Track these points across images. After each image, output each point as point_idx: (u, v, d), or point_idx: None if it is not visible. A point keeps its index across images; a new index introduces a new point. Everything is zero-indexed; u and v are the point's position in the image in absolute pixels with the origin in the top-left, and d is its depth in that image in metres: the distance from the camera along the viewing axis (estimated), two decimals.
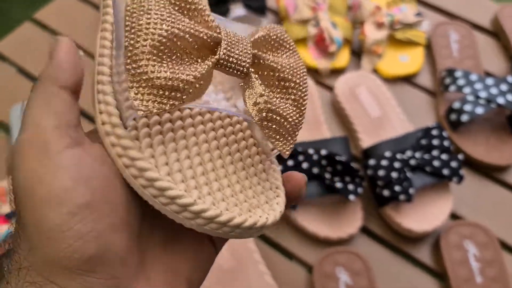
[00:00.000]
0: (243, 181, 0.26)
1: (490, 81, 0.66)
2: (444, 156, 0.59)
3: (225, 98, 0.28)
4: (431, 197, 0.60)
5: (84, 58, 0.76)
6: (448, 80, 0.68)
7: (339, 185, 0.57)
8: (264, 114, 0.25)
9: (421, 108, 0.70)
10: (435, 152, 0.60)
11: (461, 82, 0.66)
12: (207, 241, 0.26)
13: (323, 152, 0.59)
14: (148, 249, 0.24)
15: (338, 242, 0.58)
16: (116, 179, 0.23)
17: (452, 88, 0.67)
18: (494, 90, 0.65)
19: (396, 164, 0.58)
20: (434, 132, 0.61)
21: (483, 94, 0.65)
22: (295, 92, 0.26)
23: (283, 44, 0.26)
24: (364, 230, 0.60)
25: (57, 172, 0.21)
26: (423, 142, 0.60)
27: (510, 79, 0.66)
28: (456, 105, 0.65)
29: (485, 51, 0.75)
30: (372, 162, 0.59)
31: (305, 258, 0.58)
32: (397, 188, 0.57)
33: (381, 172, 0.58)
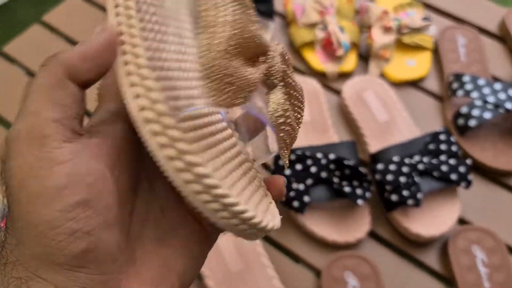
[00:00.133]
0: (248, 186, 0.26)
1: (498, 86, 0.66)
2: (452, 161, 0.59)
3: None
4: (439, 202, 0.60)
5: None
6: (455, 85, 0.68)
7: (347, 189, 0.57)
8: (282, 120, 0.26)
9: (428, 112, 0.70)
10: (443, 157, 0.60)
11: (469, 86, 0.67)
12: (200, 237, 0.26)
13: (331, 156, 0.59)
14: (139, 245, 0.24)
15: (346, 246, 0.58)
16: (111, 176, 0.22)
17: (460, 92, 0.67)
18: (502, 95, 0.65)
19: (404, 169, 0.58)
20: (442, 137, 0.61)
21: (491, 99, 0.65)
22: (299, 109, 0.28)
23: (289, 62, 0.28)
24: (372, 234, 0.60)
25: (53, 167, 0.20)
26: (431, 147, 0.60)
27: None
28: (464, 110, 0.65)
29: (492, 55, 0.75)
30: (380, 166, 0.59)
31: (313, 262, 0.58)
32: (405, 192, 0.57)
33: (389, 177, 0.58)
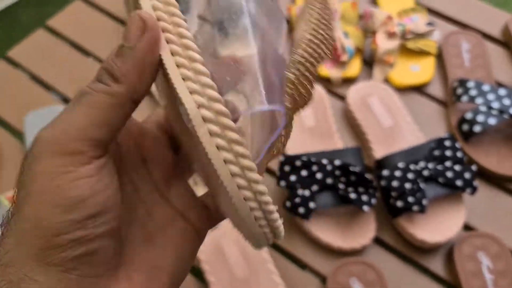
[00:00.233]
0: None
1: (502, 91, 0.66)
2: (457, 167, 0.59)
3: None
4: (444, 208, 0.60)
5: (93, 63, 0.76)
6: (460, 90, 0.68)
7: (353, 196, 0.57)
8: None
9: (432, 118, 0.70)
10: (448, 163, 0.60)
11: (473, 92, 0.67)
12: (189, 235, 0.26)
13: (336, 162, 0.59)
14: (127, 247, 0.24)
15: (351, 253, 0.59)
16: (118, 187, 0.23)
17: (464, 98, 0.67)
18: (506, 101, 0.65)
19: (410, 175, 0.58)
20: (447, 143, 0.61)
21: (495, 105, 0.65)
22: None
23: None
24: (377, 240, 0.60)
25: (79, 181, 0.21)
26: (436, 153, 0.61)
27: None
28: (469, 115, 0.65)
29: (496, 60, 0.75)
30: (385, 172, 0.59)
31: (319, 268, 0.58)
32: (410, 199, 0.57)
33: (394, 183, 0.58)
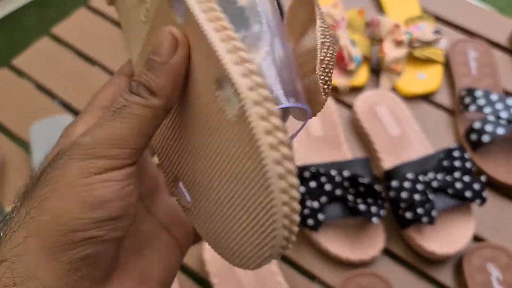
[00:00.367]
0: None
1: (510, 101, 0.66)
2: (466, 178, 0.59)
3: None
4: (453, 219, 0.60)
5: (98, 71, 0.76)
6: (468, 100, 0.68)
7: (362, 207, 0.57)
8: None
9: (439, 126, 0.70)
10: (457, 174, 0.59)
11: (481, 101, 0.66)
12: (173, 249, 0.27)
13: (345, 173, 0.59)
14: (121, 256, 0.24)
15: (360, 264, 0.58)
16: (137, 198, 0.23)
17: (472, 107, 0.67)
18: None
19: (419, 186, 0.58)
20: (456, 154, 0.61)
21: (504, 114, 0.65)
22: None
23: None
24: (386, 251, 0.60)
25: (108, 182, 0.21)
26: (445, 163, 0.60)
27: None
28: (477, 125, 0.65)
29: (503, 69, 0.75)
30: (394, 183, 0.59)
31: (327, 280, 0.58)
32: (419, 210, 0.57)
33: (403, 194, 0.58)
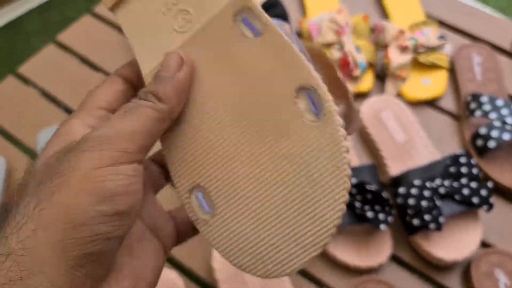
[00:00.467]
0: None
1: None
2: (473, 184, 0.59)
3: None
4: (460, 225, 0.60)
5: (103, 78, 0.76)
6: (473, 105, 0.68)
7: (370, 214, 0.57)
8: None
9: (445, 132, 0.70)
10: (463, 180, 0.60)
11: (487, 107, 0.67)
12: (158, 251, 0.27)
13: (353, 180, 0.59)
14: (117, 255, 0.25)
15: (368, 271, 0.58)
16: (141, 198, 0.24)
17: (478, 113, 0.67)
18: None
19: (426, 193, 0.58)
20: (462, 160, 0.61)
21: (509, 120, 0.65)
22: None
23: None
24: (393, 258, 0.60)
25: (119, 175, 0.22)
26: (452, 170, 0.60)
27: None
28: (483, 130, 0.65)
29: (507, 73, 0.75)
30: (402, 190, 0.59)
31: (335, 286, 0.58)
32: (427, 217, 0.57)
33: (411, 201, 0.58)
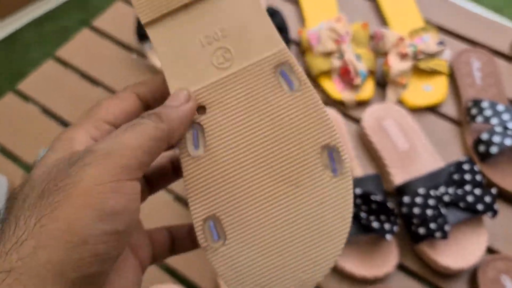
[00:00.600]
0: None
1: None
2: (477, 191, 0.59)
3: None
4: (465, 232, 0.60)
5: (103, 93, 0.76)
6: (474, 111, 0.68)
7: (375, 225, 0.57)
8: None
9: (447, 138, 0.70)
10: (467, 187, 0.60)
11: (488, 112, 0.67)
12: (139, 268, 0.28)
13: (357, 191, 0.59)
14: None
15: (375, 281, 0.58)
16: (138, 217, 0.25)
17: (479, 119, 0.67)
18: None
19: (431, 201, 0.58)
20: (466, 167, 0.61)
21: (511, 125, 0.65)
22: None
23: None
24: (399, 267, 0.60)
25: (120, 192, 0.22)
26: (456, 177, 0.61)
27: None
28: (485, 136, 0.65)
29: (506, 77, 0.76)
30: (406, 199, 0.59)
31: None
32: (432, 225, 0.57)
33: (416, 210, 0.58)
